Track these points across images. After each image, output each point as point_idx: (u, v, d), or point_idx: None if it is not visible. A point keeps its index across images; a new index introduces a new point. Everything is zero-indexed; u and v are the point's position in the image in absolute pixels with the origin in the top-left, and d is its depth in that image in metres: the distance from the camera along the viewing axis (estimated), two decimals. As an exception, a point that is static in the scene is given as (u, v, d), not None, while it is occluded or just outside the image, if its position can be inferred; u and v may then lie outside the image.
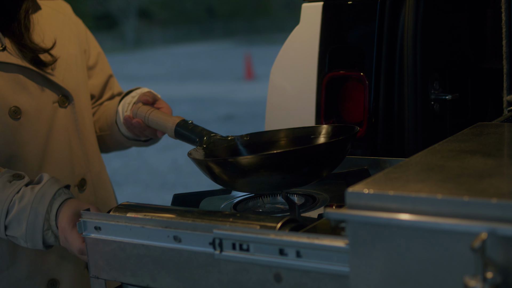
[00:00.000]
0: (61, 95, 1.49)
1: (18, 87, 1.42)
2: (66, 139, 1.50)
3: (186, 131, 1.36)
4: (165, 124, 1.40)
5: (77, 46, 1.59)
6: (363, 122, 1.57)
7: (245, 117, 9.64)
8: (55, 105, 1.48)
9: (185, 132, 1.37)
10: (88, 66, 1.67)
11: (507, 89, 1.57)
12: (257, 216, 1.03)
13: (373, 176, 0.89)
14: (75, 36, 1.60)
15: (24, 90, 1.43)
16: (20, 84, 1.42)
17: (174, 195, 1.30)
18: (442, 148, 1.04)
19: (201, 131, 1.35)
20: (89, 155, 1.57)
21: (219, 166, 1.20)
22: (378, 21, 1.55)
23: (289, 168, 1.17)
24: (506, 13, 1.54)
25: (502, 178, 0.85)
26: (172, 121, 1.39)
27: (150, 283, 1.06)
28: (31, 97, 1.44)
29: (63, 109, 1.50)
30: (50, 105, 1.47)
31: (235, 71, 15.65)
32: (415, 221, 0.77)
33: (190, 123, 1.38)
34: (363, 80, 1.56)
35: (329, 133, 1.34)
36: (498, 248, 0.73)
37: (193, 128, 1.36)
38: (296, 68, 1.69)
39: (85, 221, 1.12)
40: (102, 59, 1.72)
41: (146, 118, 1.43)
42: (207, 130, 1.36)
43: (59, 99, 1.49)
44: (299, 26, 1.70)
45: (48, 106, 1.47)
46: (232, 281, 0.97)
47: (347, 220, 0.83)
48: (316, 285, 0.89)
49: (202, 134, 1.34)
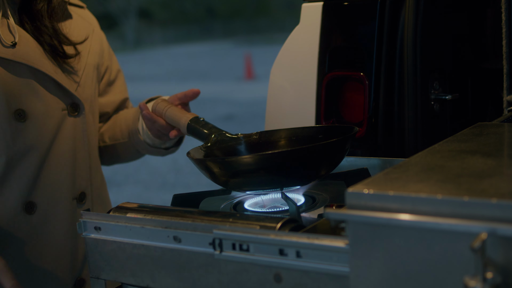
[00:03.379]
0: (72, 103, 1.46)
1: (28, 89, 1.38)
2: (71, 148, 1.46)
3: (197, 127, 1.39)
4: (179, 120, 1.43)
5: (97, 59, 1.57)
6: (363, 122, 1.57)
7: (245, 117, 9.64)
8: (64, 113, 1.44)
9: (196, 128, 1.40)
10: (109, 81, 1.65)
11: (507, 89, 1.57)
12: (257, 216, 1.03)
13: (373, 176, 0.89)
14: (98, 49, 1.58)
15: (34, 93, 1.39)
16: (30, 86, 1.38)
17: (174, 195, 1.30)
18: (442, 148, 1.04)
19: (211, 129, 1.37)
20: (92, 168, 1.54)
21: (217, 165, 1.20)
22: (378, 21, 1.55)
23: (288, 168, 1.17)
24: (506, 13, 1.54)
25: (502, 178, 0.85)
26: (185, 117, 1.42)
27: (150, 283, 1.06)
28: (40, 101, 1.40)
29: (72, 118, 1.46)
30: (59, 112, 1.43)
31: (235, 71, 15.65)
32: (415, 221, 0.77)
33: (202, 120, 1.41)
34: (363, 80, 1.56)
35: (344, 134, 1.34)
36: (498, 248, 0.73)
37: (203, 125, 1.39)
38: (296, 68, 1.69)
39: (85, 221, 1.12)
40: (121, 78, 1.71)
41: (164, 114, 1.46)
42: (216, 128, 1.38)
43: (68, 107, 1.45)
44: (299, 26, 1.70)
45: (57, 113, 1.43)
46: (232, 281, 0.97)
47: (347, 220, 0.83)
48: (316, 285, 0.89)
49: (211, 132, 1.37)
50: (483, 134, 1.14)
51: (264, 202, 1.29)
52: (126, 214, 1.12)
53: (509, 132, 1.19)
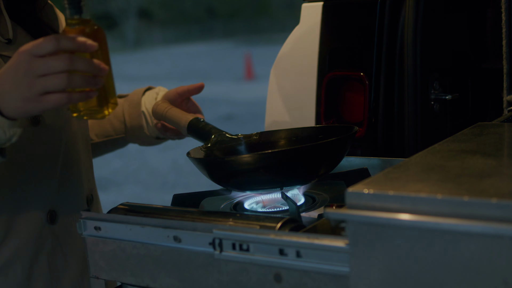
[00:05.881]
0: None
1: None
2: (79, 148, 1.41)
3: (197, 128, 1.39)
4: (179, 122, 1.43)
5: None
6: (363, 122, 1.57)
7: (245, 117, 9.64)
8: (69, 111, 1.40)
9: (196, 129, 1.39)
10: None
11: (507, 89, 1.57)
12: (257, 216, 1.03)
13: (373, 176, 0.89)
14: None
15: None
16: None
17: (174, 195, 1.30)
18: (442, 148, 1.04)
19: (211, 129, 1.37)
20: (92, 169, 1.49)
21: (217, 165, 1.20)
22: (378, 21, 1.55)
23: (288, 168, 1.17)
24: (506, 13, 1.54)
25: (502, 178, 0.85)
26: (185, 119, 1.41)
27: (150, 283, 1.06)
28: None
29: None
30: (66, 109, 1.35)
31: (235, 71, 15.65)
32: (415, 221, 0.77)
33: (202, 121, 1.40)
34: (363, 80, 1.56)
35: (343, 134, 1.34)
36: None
37: (203, 126, 1.38)
38: (296, 68, 1.69)
39: (85, 221, 1.12)
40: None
41: (164, 115, 1.45)
42: (216, 129, 1.37)
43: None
44: (299, 26, 1.70)
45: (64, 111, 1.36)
46: (232, 281, 0.97)
47: (347, 220, 0.83)
48: (316, 285, 0.89)
49: (211, 132, 1.36)
50: (483, 134, 1.14)
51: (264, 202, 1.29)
52: (126, 214, 1.12)
53: (509, 132, 1.19)
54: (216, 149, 1.34)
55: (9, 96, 1.07)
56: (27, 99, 1.06)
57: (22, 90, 1.06)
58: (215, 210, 1.24)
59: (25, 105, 1.07)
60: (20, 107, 1.08)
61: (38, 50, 1.04)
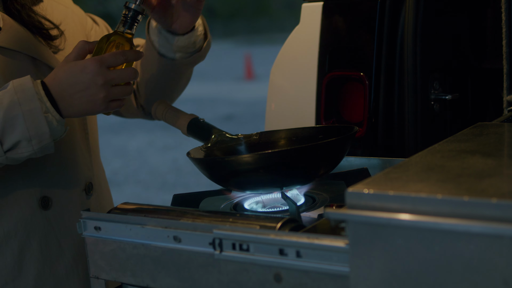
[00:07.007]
0: None
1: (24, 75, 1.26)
2: (73, 135, 1.41)
3: (197, 128, 1.39)
4: (179, 121, 1.43)
5: (83, 37, 1.51)
6: (363, 122, 1.57)
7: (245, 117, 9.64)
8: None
9: (195, 129, 1.39)
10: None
11: (507, 89, 1.57)
12: (257, 216, 1.03)
13: (373, 176, 0.89)
14: (80, 28, 1.52)
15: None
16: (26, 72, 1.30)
17: (174, 195, 1.30)
18: (442, 148, 1.04)
19: (211, 129, 1.37)
20: (94, 156, 1.49)
21: (217, 165, 1.20)
22: (378, 21, 1.55)
23: (288, 167, 1.17)
24: (506, 13, 1.54)
25: (502, 178, 0.85)
26: (185, 118, 1.41)
27: (150, 283, 1.06)
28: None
29: None
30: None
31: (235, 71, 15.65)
32: (415, 221, 0.77)
33: (202, 121, 1.40)
34: (363, 80, 1.56)
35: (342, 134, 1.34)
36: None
37: (203, 126, 1.39)
38: (296, 68, 1.69)
39: (85, 221, 1.12)
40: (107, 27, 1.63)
41: (164, 115, 1.45)
42: (216, 129, 1.37)
43: None
44: (299, 26, 1.70)
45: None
46: (232, 281, 0.97)
47: (347, 220, 0.83)
48: (316, 285, 0.89)
49: (211, 132, 1.36)
50: (483, 134, 1.14)
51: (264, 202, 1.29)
52: (126, 214, 1.12)
53: (509, 132, 1.19)
54: (216, 149, 1.34)
55: (79, 101, 1.20)
56: (98, 105, 1.21)
57: (96, 97, 1.20)
58: (215, 210, 1.24)
59: (91, 109, 1.22)
60: (84, 110, 1.22)
61: (111, 63, 1.21)
